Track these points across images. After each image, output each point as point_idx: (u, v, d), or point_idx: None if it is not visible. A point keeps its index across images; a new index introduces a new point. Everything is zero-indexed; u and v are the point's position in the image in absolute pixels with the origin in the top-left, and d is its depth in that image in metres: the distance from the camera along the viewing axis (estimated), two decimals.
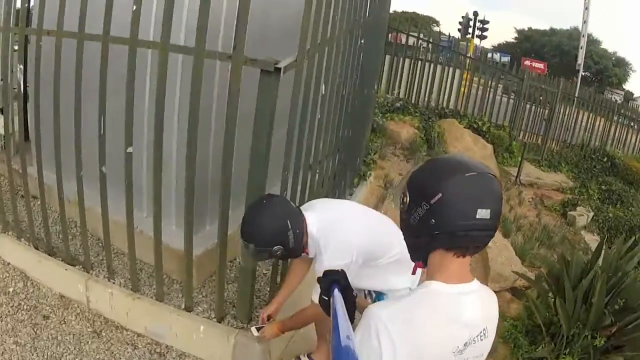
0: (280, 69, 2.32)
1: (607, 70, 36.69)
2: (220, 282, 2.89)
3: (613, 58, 37.58)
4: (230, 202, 2.70)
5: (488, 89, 9.81)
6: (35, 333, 2.97)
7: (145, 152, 3.33)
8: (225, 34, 3.08)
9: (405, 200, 1.28)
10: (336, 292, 1.61)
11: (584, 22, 20.03)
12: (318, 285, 1.91)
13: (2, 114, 3.90)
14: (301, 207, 2.45)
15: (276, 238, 2.19)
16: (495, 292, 4.72)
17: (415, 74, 9.20)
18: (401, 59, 9.30)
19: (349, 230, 2.28)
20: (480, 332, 1.31)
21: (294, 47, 2.64)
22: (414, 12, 39.29)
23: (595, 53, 34.70)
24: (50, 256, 3.40)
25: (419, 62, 9.19)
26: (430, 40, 9.89)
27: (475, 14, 22.63)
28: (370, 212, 2.61)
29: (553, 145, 10.69)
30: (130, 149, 2.81)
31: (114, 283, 3.21)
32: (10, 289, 3.30)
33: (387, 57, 9.19)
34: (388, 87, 9.37)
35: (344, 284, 1.64)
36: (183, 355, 2.94)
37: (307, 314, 2.38)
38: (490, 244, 5.07)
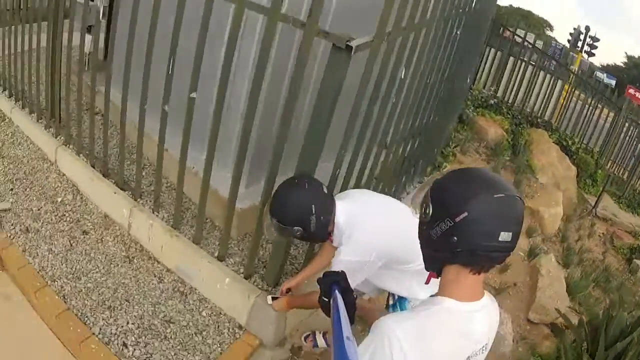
0: (352, 47, 2.16)
1: None
2: (255, 240, 2.84)
3: None
4: (279, 165, 2.62)
5: (587, 107, 9.13)
6: (71, 245, 3.05)
7: (214, 98, 3.27)
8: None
9: (427, 212, 1.25)
10: (337, 293, 1.64)
11: None
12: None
13: (90, 32, 3.95)
14: (338, 194, 2.39)
15: (298, 219, 2.18)
16: (534, 323, 4.37)
17: (517, 74, 8.65)
18: (505, 56, 8.77)
19: (376, 229, 2.17)
20: (483, 347, 1.33)
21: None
22: (528, 11, 37.33)
23: None
24: (104, 177, 3.47)
25: (523, 63, 8.63)
26: (534, 45, 9.28)
27: (587, 28, 21.36)
28: (408, 216, 2.45)
29: (638, 184, 9.93)
30: (194, 94, 2.77)
31: (157, 215, 3.24)
32: (59, 199, 3.41)
33: (492, 51, 8.73)
34: (486, 81, 8.92)
35: (344, 286, 1.67)
36: (204, 300, 2.93)
37: (315, 298, 2.30)
38: (543, 272, 4.67)
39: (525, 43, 8.81)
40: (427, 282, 1.37)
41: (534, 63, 8.58)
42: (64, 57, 3.59)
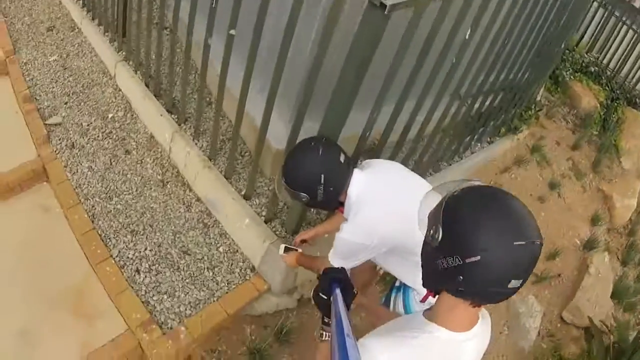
0: (385, 5, 1.91)
1: None
2: (278, 183, 2.79)
3: None
4: (306, 110, 2.49)
5: None
6: (111, 164, 3.21)
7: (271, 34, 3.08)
8: None
9: (436, 236, 1.13)
10: (337, 291, 1.58)
11: None
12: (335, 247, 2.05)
13: None
14: (363, 163, 2.23)
15: (305, 186, 2.06)
16: (566, 323, 4.05)
17: (621, 41, 7.50)
18: (608, 15, 7.56)
19: (384, 214, 2.00)
20: None
21: None
22: None
23: None
24: (155, 96, 3.53)
25: (625, 26, 7.42)
26: None
27: None
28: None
29: None
30: (233, 32, 2.64)
31: (196, 143, 3.27)
32: (110, 115, 3.55)
33: (600, 11, 7.54)
34: (588, 44, 7.86)
35: (345, 282, 1.62)
36: (224, 236, 3.01)
37: (320, 263, 2.23)
38: (592, 271, 4.31)
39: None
40: (423, 300, 1.33)
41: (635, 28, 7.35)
42: None
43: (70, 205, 2.90)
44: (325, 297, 1.58)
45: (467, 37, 2.70)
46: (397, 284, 2.32)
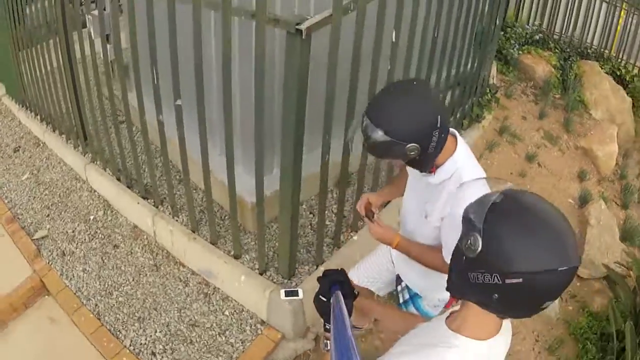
0: (301, 31, 2.04)
1: None
2: (260, 233, 2.89)
3: None
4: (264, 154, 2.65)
5: None
6: (103, 262, 3.31)
7: (215, 95, 3.26)
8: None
9: (474, 246, 1.04)
10: (337, 293, 1.53)
11: None
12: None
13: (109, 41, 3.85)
14: None
15: (419, 132, 1.59)
16: (583, 279, 4.03)
17: (559, 2, 7.77)
18: None
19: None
20: None
21: None
22: None
23: None
24: (128, 188, 3.67)
25: None
26: None
27: None
28: None
29: None
30: (179, 102, 2.79)
31: (176, 220, 3.38)
32: (91, 217, 3.66)
33: None
34: (529, 15, 8.12)
35: (345, 285, 1.57)
36: (226, 299, 3.08)
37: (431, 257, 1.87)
38: (592, 222, 4.32)
39: None
40: (447, 306, 1.28)
41: None
42: (81, 71, 3.62)
43: (75, 310, 2.99)
44: (325, 299, 1.54)
45: (394, 39, 2.80)
46: (401, 300, 2.24)
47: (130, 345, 2.77)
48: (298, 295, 2.82)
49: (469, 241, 1.05)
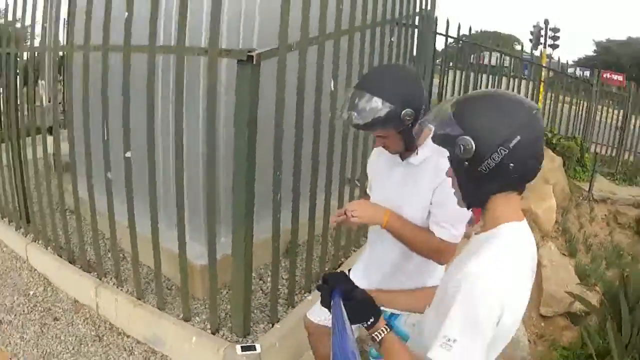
0: (252, 57, 2.23)
1: None
2: (212, 291, 2.84)
3: None
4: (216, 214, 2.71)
5: (563, 99, 9.17)
6: (42, 331, 3.11)
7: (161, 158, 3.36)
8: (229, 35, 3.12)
9: (468, 147, 1.16)
10: (337, 300, 1.44)
11: None
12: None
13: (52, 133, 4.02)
14: None
15: (414, 97, 1.68)
16: (548, 318, 4.13)
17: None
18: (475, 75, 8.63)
19: None
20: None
21: None
22: (495, 32, 37.40)
23: None
24: (70, 263, 3.55)
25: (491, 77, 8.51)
26: (507, 53, 9.32)
27: (546, 22, 21.15)
28: None
29: (628, 156, 9.82)
30: (128, 154, 2.87)
31: (121, 290, 3.27)
32: (31, 292, 3.49)
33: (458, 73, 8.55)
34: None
35: (347, 288, 1.47)
36: None
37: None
38: (545, 262, 4.49)
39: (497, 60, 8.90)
40: (477, 222, 1.32)
41: (505, 73, 8.63)
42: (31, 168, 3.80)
43: None
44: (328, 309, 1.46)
45: (332, 88, 3.05)
46: None
47: None
48: (255, 350, 2.77)
49: (461, 147, 1.17)
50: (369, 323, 1.37)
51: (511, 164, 1.15)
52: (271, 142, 2.73)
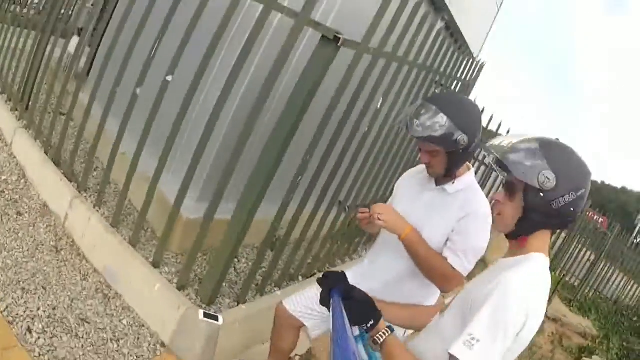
0: (339, 39, 2.23)
1: None
2: (194, 249, 2.69)
3: None
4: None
5: None
6: (1, 220, 2.85)
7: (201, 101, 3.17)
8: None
9: (550, 181, 1.28)
10: (335, 299, 1.47)
11: None
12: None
13: (79, 35, 3.83)
14: None
15: (472, 126, 1.81)
16: None
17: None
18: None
19: None
20: None
21: None
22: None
23: None
24: (55, 165, 3.30)
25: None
26: None
27: None
28: None
29: (589, 291, 10.21)
30: (170, 77, 2.71)
31: (97, 210, 3.05)
32: (3, 177, 3.24)
33: None
34: None
35: (347, 288, 1.51)
36: (127, 309, 2.68)
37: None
38: None
39: None
40: (521, 246, 1.37)
41: None
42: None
43: None
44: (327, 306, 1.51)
45: (379, 106, 3.09)
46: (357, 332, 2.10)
47: (4, 311, 2.29)
48: (218, 321, 2.58)
49: (542, 179, 1.28)
50: (369, 325, 1.40)
51: (572, 208, 1.29)
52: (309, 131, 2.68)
